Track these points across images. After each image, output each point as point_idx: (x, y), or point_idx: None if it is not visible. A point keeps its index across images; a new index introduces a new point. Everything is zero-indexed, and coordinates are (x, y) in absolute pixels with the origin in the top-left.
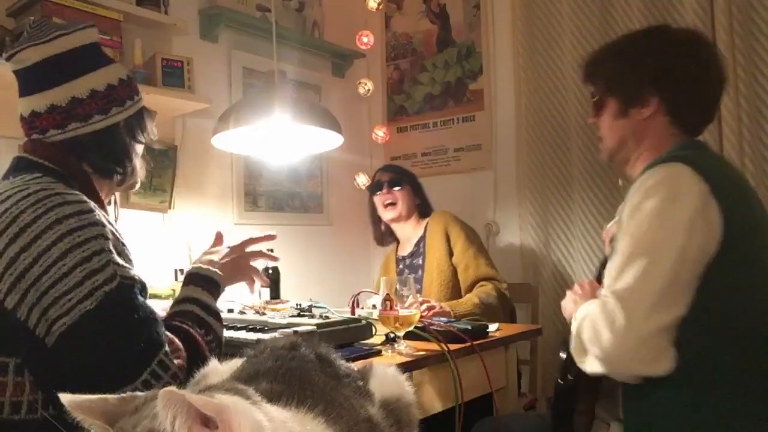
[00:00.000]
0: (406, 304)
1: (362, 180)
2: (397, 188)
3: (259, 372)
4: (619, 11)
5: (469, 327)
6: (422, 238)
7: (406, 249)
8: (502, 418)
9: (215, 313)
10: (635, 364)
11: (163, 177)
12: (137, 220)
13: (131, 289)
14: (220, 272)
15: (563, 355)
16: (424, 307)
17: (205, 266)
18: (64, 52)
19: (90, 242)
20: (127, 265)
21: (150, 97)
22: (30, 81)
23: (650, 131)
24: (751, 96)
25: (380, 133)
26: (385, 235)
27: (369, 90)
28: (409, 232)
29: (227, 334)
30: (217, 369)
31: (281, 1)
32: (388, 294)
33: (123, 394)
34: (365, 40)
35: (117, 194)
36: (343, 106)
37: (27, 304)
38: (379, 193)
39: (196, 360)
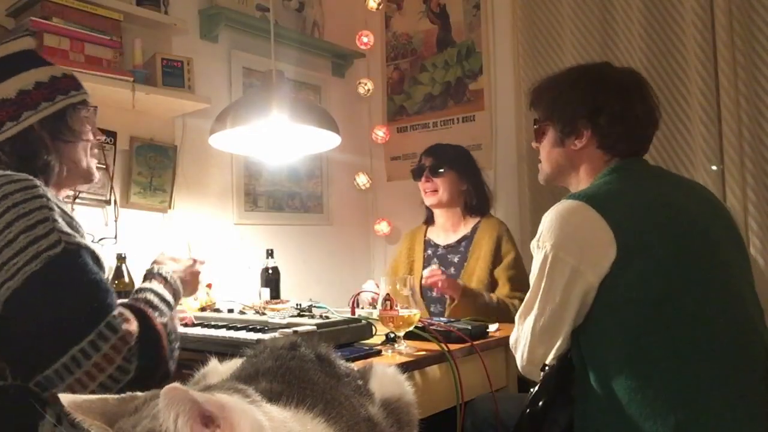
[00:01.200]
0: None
1: (362, 180)
2: (438, 175)
3: (259, 372)
4: (619, 11)
5: (469, 327)
6: (467, 238)
7: (441, 237)
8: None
9: (168, 303)
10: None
11: (163, 177)
12: (137, 220)
13: (77, 253)
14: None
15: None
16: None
17: (166, 269)
18: None
19: (34, 212)
20: (74, 233)
21: (150, 97)
22: None
23: (585, 160)
24: (751, 96)
25: (380, 133)
26: (430, 216)
27: (369, 90)
28: (450, 222)
29: (227, 334)
30: (217, 369)
31: (281, 1)
32: (388, 294)
33: (123, 395)
34: (365, 40)
35: (117, 194)
36: (343, 106)
37: None
38: (419, 179)
39: (147, 333)
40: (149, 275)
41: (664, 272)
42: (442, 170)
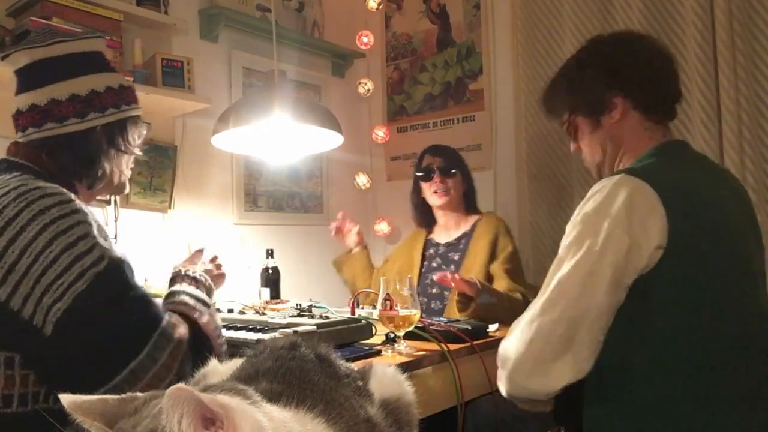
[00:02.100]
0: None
1: (362, 180)
2: (451, 175)
3: (259, 372)
4: (619, 11)
5: (469, 327)
6: (467, 236)
7: (442, 237)
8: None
9: (204, 302)
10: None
11: (163, 177)
12: (137, 220)
13: (119, 268)
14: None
15: None
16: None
17: (192, 270)
18: (52, 57)
19: (73, 228)
20: (113, 247)
21: (150, 97)
22: (20, 81)
23: (626, 132)
24: (751, 96)
25: (380, 133)
26: (428, 219)
27: (369, 90)
28: (454, 221)
29: (227, 334)
30: (217, 369)
31: (281, 1)
32: (388, 294)
33: (123, 395)
34: (365, 40)
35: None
36: (343, 106)
37: (21, 295)
38: (430, 180)
39: (197, 335)
40: (177, 278)
41: (705, 277)
42: (454, 170)
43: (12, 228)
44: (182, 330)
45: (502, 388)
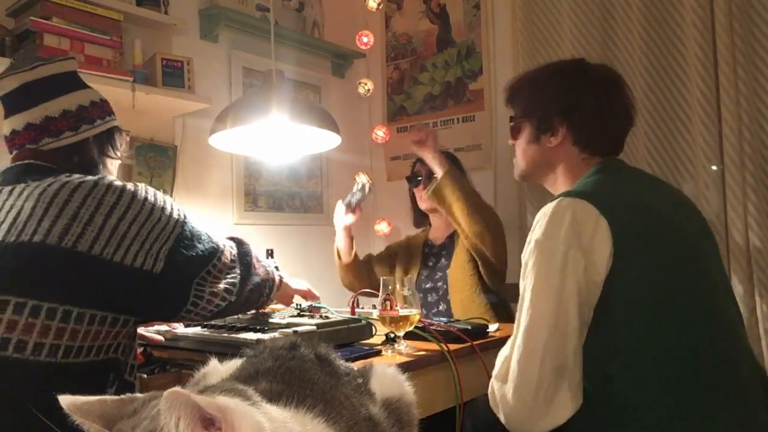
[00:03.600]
0: None
1: (362, 180)
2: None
3: (259, 372)
4: (619, 11)
5: (469, 327)
6: (455, 233)
7: (437, 237)
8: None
9: (267, 271)
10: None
11: (163, 177)
12: None
13: (187, 220)
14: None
15: None
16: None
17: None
18: (39, 78)
19: (154, 198)
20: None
21: (150, 97)
22: (10, 105)
23: (561, 158)
24: (751, 96)
25: (380, 133)
26: (423, 220)
27: (369, 90)
28: (445, 223)
29: (227, 334)
30: (217, 369)
31: (281, 1)
32: (388, 294)
33: (122, 396)
34: (365, 40)
35: None
36: (343, 106)
37: (125, 248)
38: (417, 186)
39: (244, 254)
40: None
41: (657, 279)
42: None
43: (121, 205)
44: (233, 251)
45: None
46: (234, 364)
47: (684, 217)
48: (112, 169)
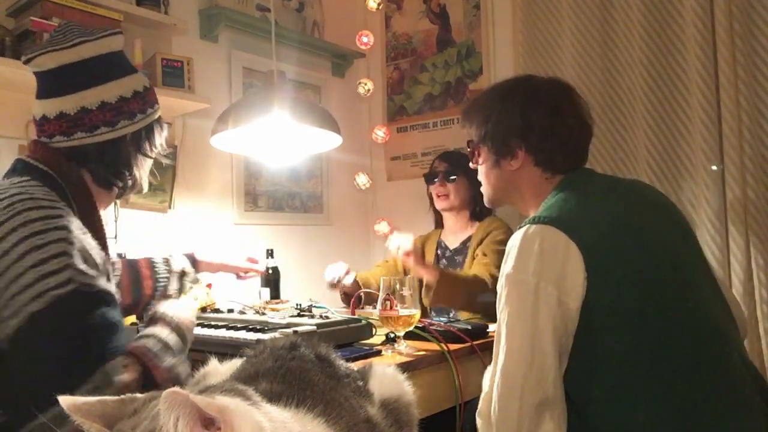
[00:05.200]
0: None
1: (362, 180)
2: (450, 180)
3: (259, 372)
4: (619, 11)
5: (469, 327)
6: (469, 240)
7: (450, 240)
8: None
9: (171, 350)
10: None
11: (163, 177)
12: (137, 220)
13: (88, 297)
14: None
15: None
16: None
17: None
18: (80, 60)
19: (49, 245)
20: (91, 272)
21: None
22: (45, 86)
23: (525, 180)
24: (751, 96)
25: (380, 133)
26: (440, 220)
27: (369, 90)
28: (458, 225)
29: (227, 334)
30: (217, 369)
31: (281, 1)
32: (388, 294)
33: (122, 396)
34: (365, 40)
35: None
36: (343, 106)
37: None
38: (433, 184)
39: (150, 382)
40: (152, 320)
41: (635, 292)
42: (454, 177)
43: None
44: (129, 375)
45: None
46: (234, 364)
47: (661, 222)
48: (148, 169)
